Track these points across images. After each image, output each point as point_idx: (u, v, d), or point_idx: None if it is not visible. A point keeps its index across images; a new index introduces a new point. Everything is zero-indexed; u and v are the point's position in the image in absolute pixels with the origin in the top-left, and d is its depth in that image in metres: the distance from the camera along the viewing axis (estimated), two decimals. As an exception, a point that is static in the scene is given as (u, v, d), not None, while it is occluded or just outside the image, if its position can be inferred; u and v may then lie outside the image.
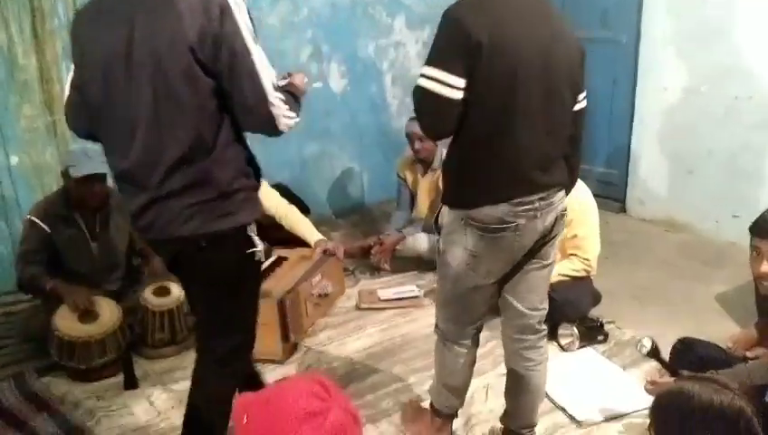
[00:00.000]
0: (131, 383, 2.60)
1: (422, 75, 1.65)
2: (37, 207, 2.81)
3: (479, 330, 1.98)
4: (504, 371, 2.08)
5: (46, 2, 3.18)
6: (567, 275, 2.74)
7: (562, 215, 1.84)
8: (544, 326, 1.98)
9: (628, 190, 4.25)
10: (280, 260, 3.16)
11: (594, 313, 2.90)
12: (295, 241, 3.31)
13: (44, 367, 2.65)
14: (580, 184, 2.74)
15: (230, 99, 1.61)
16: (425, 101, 1.66)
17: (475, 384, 2.18)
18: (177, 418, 2.39)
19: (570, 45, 1.72)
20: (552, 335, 2.73)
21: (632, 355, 2.65)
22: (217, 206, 1.66)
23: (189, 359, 2.42)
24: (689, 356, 2.24)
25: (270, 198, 3.27)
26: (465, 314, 1.91)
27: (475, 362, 2.03)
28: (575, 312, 2.72)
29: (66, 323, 2.56)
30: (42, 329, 2.63)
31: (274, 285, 2.86)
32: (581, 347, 2.69)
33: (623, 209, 4.28)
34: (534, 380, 1.98)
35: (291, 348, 2.80)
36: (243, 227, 1.71)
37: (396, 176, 3.72)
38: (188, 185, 1.64)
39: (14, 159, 3.25)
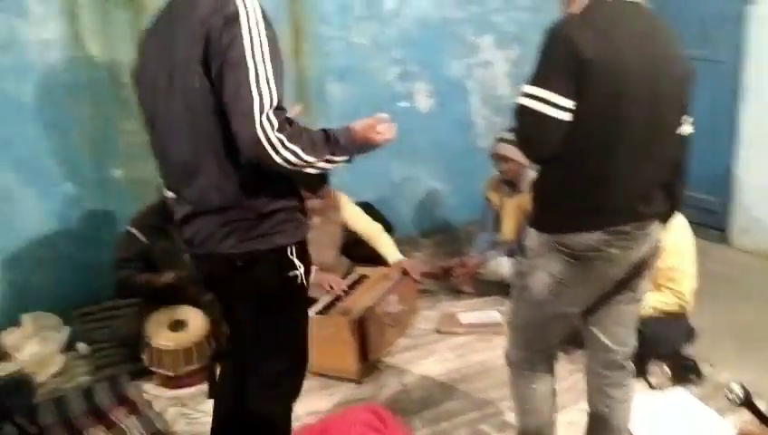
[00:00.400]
0: (214, 392, 2.68)
1: (525, 94, 1.56)
2: (135, 218, 2.97)
3: (554, 358, 1.89)
4: (587, 407, 1.99)
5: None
6: (658, 309, 2.59)
7: (657, 246, 1.73)
8: (631, 364, 1.87)
9: (731, 218, 4.00)
10: (361, 278, 3.18)
11: (688, 351, 2.73)
12: (379, 259, 3.33)
13: (137, 371, 2.79)
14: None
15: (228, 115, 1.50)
16: (528, 121, 1.56)
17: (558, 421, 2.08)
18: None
19: (679, 66, 1.61)
20: (642, 372, 2.60)
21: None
22: (254, 226, 1.61)
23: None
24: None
25: (353, 215, 3.32)
26: (540, 341, 1.83)
27: (554, 393, 1.92)
28: (667, 349, 2.58)
29: (157, 331, 2.70)
30: (136, 335, 2.78)
31: (354, 304, 2.88)
32: (672, 387, 2.54)
33: (724, 239, 4.02)
34: (617, 420, 1.88)
35: (368, 368, 2.81)
36: (281, 248, 1.65)
37: (482, 196, 3.68)
38: (225, 204, 1.60)
39: (116, 173, 3.45)
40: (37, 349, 2.82)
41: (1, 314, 3.09)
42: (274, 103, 1.46)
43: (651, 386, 2.56)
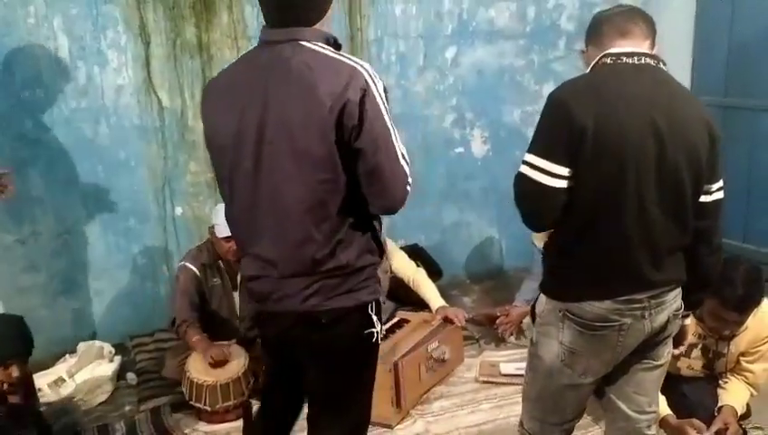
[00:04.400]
0: (250, 429, 2.73)
1: (524, 162, 1.57)
2: (189, 254, 3.11)
3: (569, 432, 1.82)
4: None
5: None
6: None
7: (676, 314, 1.66)
8: (654, 432, 1.79)
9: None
10: (401, 322, 3.19)
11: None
12: (423, 303, 3.33)
13: (178, 403, 2.88)
14: None
15: (370, 180, 1.56)
16: (526, 189, 1.57)
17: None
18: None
19: (694, 130, 1.56)
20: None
21: (780, 471, 2.32)
22: (341, 283, 1.63)
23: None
24: None
25: (398, 259, 3.34)
26: (555, 414, 1.76)
27: None
28: (710, 415, 2.42)
29: (198, 366, 2.79)
30: (180, 368, 2.88)
31: (391, 348, 2.88)
32: (717, 455, 2.38)
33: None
34: None
35: (403, 414, 2.79)
36: (364, 305, 1.68)
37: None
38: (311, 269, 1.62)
39: (178, 210, 3.63)
40: (89, 376, 2.96)
41: (59, 340, 3.27)
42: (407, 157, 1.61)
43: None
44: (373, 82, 1.53)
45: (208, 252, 3.05)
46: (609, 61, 1.57)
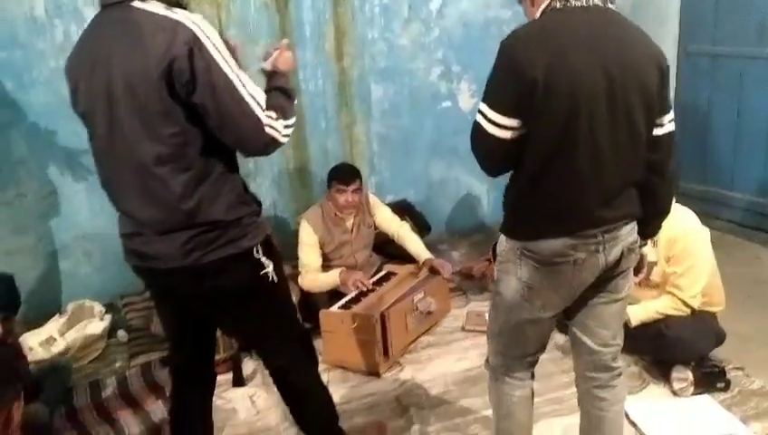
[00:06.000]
0: (239, 381, 2.78)
1: (479, 111, 1.59)
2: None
3: (533, 364, 1.86)
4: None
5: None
6: (664, 313, 2.51)
7: (631, 248, 1.69)
8: (620, 364, 1.83)
9: (785, 222, 3.79)
10: (388, 275, 3.21)
11: (719, 355, 2.62)
12: (410, 257, 3.35)
13: (168, 358, 2.90)
14: (685, 214, 2.52)
15: (223, 132, 1.59)
16: (479, 138, 1.60)
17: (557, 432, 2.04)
18: (273, 418, 2.54)
19: (645, 68, 1.56)
20: (665, 377, 2.53)
21: (757, 407, 2.37)
22: (219, 235, 1.66)
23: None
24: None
25: (382, 214, 3.35)
26: (517, 347, 1.80)
27: (531, 399, 1.90)
28: (690, 353, 2.47)
29: (186, 320, 2.80)
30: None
31: (378, 300, 2.91)
32: (697, 393, 2.43)
33: (777, 243, 3.82)
34: (608, 422, 1.84)
35: (390, 363, 2.83)
36: (248, 250, 1.70)
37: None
38: (183, 221, 1.63)
39: (163, 170, 3.61)
40: (79, 335, 2.99)
41: (50, 301, 3.30)
42: (262, 102, 1.61)
43: (675, 393, 2.46)
44: (204, 33, 1.54)
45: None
46: (558, 5, 1.56)
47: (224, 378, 2.78)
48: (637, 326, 2.49)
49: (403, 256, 3.38)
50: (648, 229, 1.77)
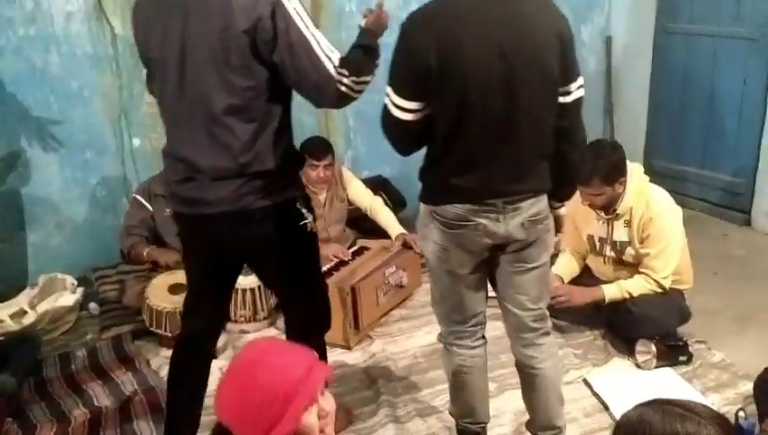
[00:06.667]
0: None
1: (386, 93, 1.67)
2: (141, 186, 3.09)
3: (478, 328, 1.93)
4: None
5: None
6: (634, 293, 2.56)
7: (534, 220, 1.75)
8: (545, 325, 1.91)
9: (755, 201, 3.84)
10: (361, 250, 3.22)
11: (686, 330, 2.67)
12: (384, 233, 3.36)
13: (140, 331, 2.91)
14: (658, 195, 2.54)
15: (299, 86, 1.72)
16: (387, 120, 1.70)
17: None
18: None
19: (544, 42, 1.60)
20: (629, 350, 2.58)
21: (717, 379, 2.43)
22: (270, 183, 1.76)
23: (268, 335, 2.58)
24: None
25: (354, 188, 3.36)
26: (455, 311, 1.90)
27: (485, 365, 1.98)
28: (655, 328, 2.52)
29: (157, 293, 2.80)
30: (140, 296, 2.90)
31: (350, 273, 2.93)
32: (660, 366, 2.49)
33: (748, 222, 3.87)
34: (539, 378, 1.92)
35: (360, 335, 2.86)
36: (292, 200, 1.83)
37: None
38: (240, 169, 1.74)
39: (136, 142, 3.57)
40: (50, 307, 2.97)
41: (21, 274, 3.28)
42: (335, 61, 1.68)
43: (638, 366, 2.52)
44: None
45: (163, 182, 3.01)
46: None
47: (195, 350, 2.79)
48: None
49: (377, 232, 3.39)
50: (562, 194, 1.87)
